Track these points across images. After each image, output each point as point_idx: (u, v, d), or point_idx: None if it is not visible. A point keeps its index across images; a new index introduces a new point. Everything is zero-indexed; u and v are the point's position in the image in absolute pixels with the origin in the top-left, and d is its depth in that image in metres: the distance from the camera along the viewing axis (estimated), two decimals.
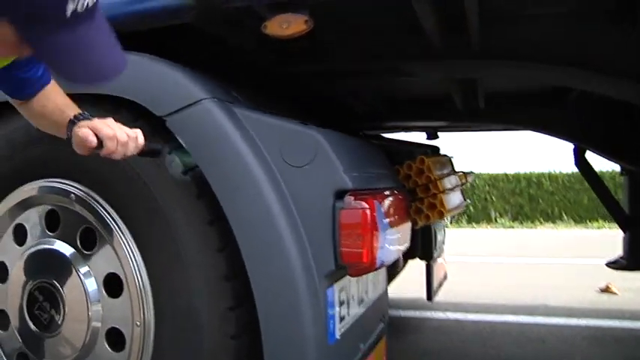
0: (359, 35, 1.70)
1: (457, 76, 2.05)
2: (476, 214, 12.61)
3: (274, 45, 1.57)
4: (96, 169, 1.42)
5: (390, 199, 1.45)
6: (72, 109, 1.21)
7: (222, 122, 1.26)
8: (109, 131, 1.12)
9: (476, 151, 12.71)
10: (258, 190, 1.24)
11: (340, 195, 1.25)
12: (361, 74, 1.93)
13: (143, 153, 1.22)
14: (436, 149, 2.67)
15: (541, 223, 12.04)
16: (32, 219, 1.56)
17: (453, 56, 1.80)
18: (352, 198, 1.25)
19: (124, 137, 1.14)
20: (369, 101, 2.61)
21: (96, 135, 1.12)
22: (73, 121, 1.17)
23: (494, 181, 13.27)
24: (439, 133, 3.36)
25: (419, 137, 3.53)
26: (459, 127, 3.42)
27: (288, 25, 1.24)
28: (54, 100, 1.22)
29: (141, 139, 1.18)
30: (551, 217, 12.37)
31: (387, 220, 1.38)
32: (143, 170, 1.35)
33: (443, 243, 3.14)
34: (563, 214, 12.29)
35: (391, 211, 1.44)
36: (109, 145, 1.12)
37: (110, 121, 1.16)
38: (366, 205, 1.25)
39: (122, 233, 1.38)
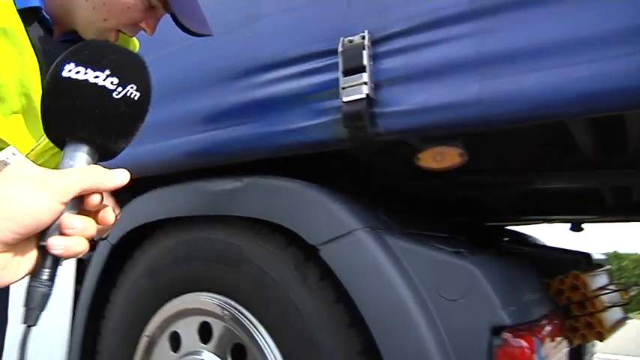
0: (509, 154, 1.67)
1: (610, 184, 1.94)
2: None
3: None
4: (251, 288, 1.48)
5: (548, 328, 1.37)
6: None
7: (375, 254, 1.27)
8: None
9: (620, 228, 11.65)
10: (411, 323, 1.21)
11: (497, 331, 1.19)
12: (508, 184, 1.88)
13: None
14: (588, 256, 2.47)
15: None
16: (187, 328, 1.65)
17: (607, 167, 1.71)
18: (510, 335, 1.18)
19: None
20: (509, 198, 2.51)
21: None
22: None
23: None
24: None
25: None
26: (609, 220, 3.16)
27: (442, 158, 1.23)
28: None
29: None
30: None
31: (545, 352, 1.30)
32: (295, 295, 1.39)
33: (592, 355, 2.87)
34: None
35: (549, 342, 1.36)
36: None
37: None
38: (525, 344, 1.18)
39: (273, 356, 1.40)
